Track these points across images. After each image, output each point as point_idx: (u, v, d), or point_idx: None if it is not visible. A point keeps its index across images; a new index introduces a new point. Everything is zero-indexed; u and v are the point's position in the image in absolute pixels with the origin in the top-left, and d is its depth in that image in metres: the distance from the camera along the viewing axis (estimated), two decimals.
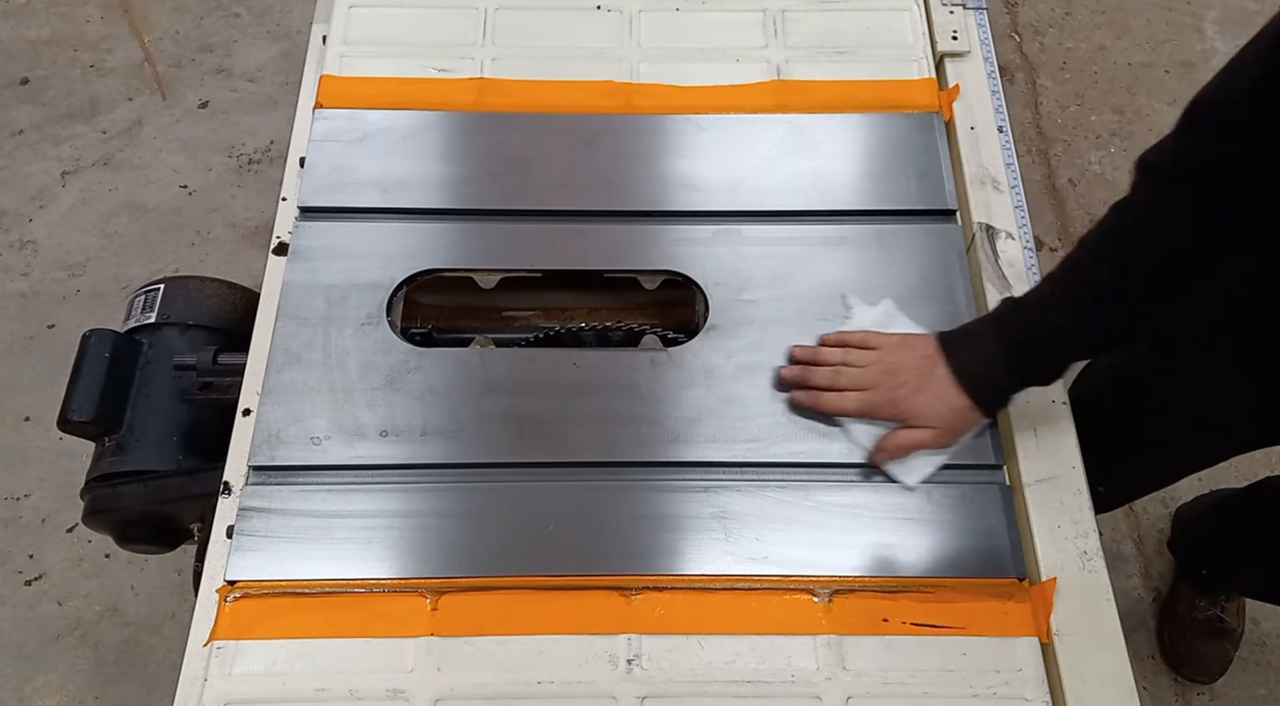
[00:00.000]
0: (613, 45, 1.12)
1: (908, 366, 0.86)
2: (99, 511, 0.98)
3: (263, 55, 2.27)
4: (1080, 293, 0.82)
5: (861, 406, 0.86)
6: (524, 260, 0.98)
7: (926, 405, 0.85)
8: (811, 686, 0.77)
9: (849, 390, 0.87)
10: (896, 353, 0.88)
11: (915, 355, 0.87)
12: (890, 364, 0.87)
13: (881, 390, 0.86)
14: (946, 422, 0.85)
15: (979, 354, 0.85)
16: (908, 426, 0.85)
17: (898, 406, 0.85)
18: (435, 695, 0.76)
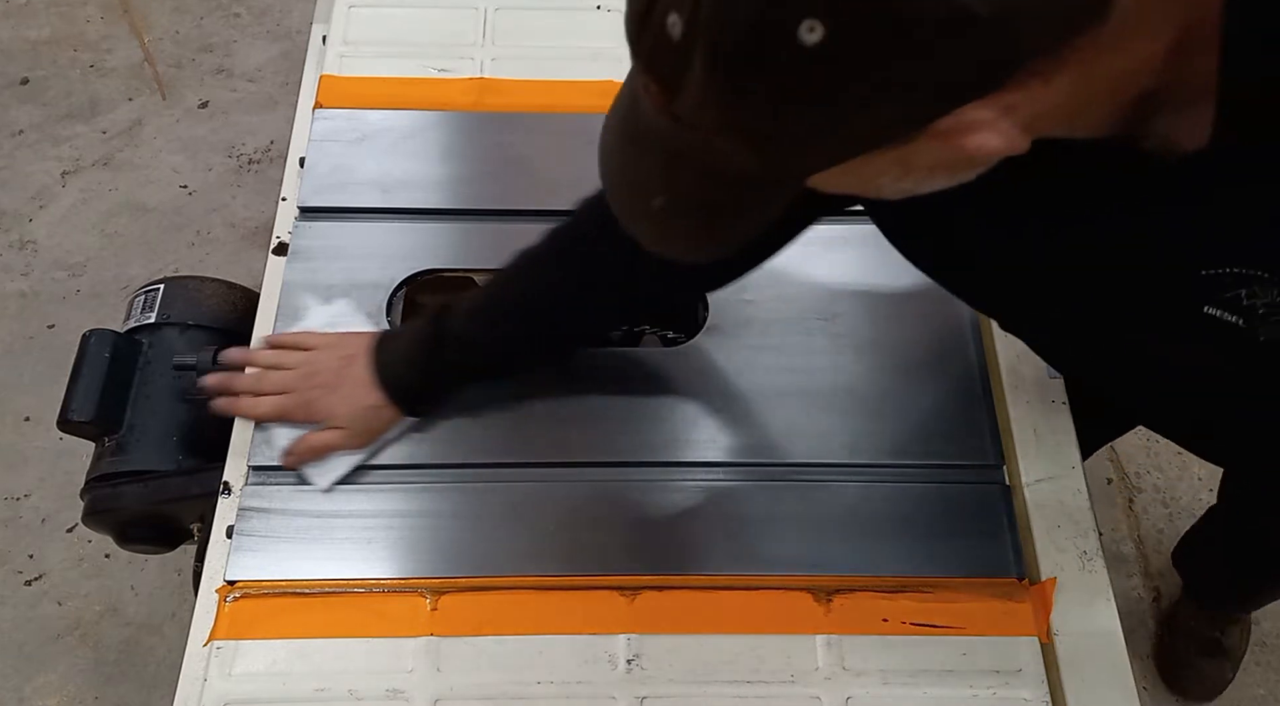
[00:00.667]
0: (613, 45, 1.12)
1: (328, 367, 0.84)
2: (99, 511, 0.98)
3: (263, 55, 2.27)
4: (498, 310, 0.82)
5: (275, 411, 0.84)
6: None
7: (337, 405, 0.83)
8: (811, 686, 0.77)
9: (270, 394, 0.85)
10: (324, 353, 0.86)
11: (338, 354, 0.85)
12: (313, 365, 0.85)
13: (298, 393, 0.84)
14: (356, 423, 0.83)
15: (399, 352, 0.84)
16: (324, 428, 0.84)
17: (310, 408, 0.84)
18: (435, 695, 0.76)
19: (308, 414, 0.84)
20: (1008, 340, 0.93)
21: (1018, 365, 0.92)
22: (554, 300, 0.82)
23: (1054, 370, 0.91)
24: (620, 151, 0.51)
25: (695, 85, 0.40)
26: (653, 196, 0.49)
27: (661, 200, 0.49)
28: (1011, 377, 0.92)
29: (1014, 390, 0.91)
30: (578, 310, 0.83)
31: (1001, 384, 0.91)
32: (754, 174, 0.44)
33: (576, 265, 0.80)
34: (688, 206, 0.49)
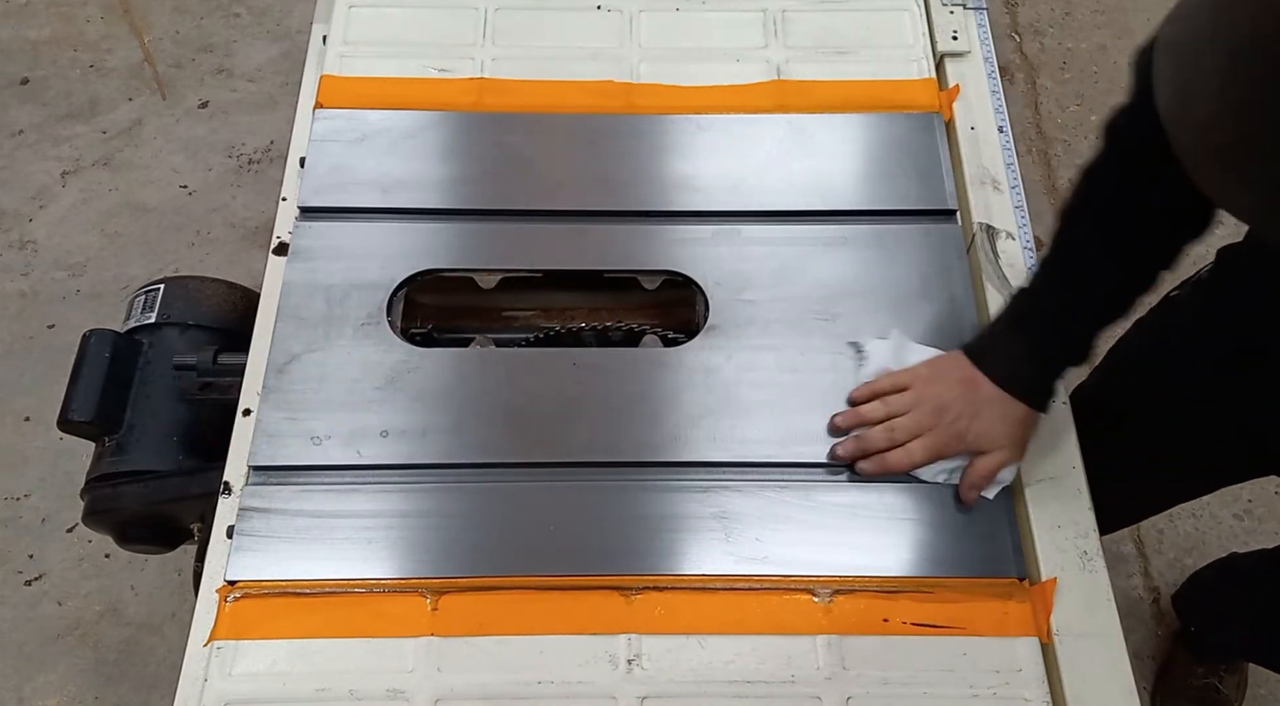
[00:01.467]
0: (613, 45, 1.12)
1: (954, 396, 0.84)
2: (99, 511, 0.98)
3: (263, 55, 2.27)
4: (1073, 263, 0.81)
5: (929, 452, 0.84)
6: (524, 260, 0.98)
7: (990, 427, 0.83)
8: (811, 686, 0.77)
9: (907, 442, 0.84)
10: (933, 386, 0.85)
11: (953, 381, 0.85)
12: (934, 399, 0.84)
13: (940, 429, 0.84)
14: (1014, 436, 0.84)
15: (1009, 357, 0.84)
16: (980, 453, 0.83)
17: (964, 439, 0.83)
18: (435, 695, 0.76)
19: (962, 445, 0.83)
20: None
21: None
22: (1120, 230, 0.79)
23: None
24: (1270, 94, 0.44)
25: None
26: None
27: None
28: None
29: None
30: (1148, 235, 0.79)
31: None
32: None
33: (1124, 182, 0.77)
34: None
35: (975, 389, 0.84)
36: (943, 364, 0.87)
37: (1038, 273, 0.84)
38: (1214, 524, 1.70)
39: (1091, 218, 0.80)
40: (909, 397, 0.85)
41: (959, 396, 0.84)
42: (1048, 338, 0.83)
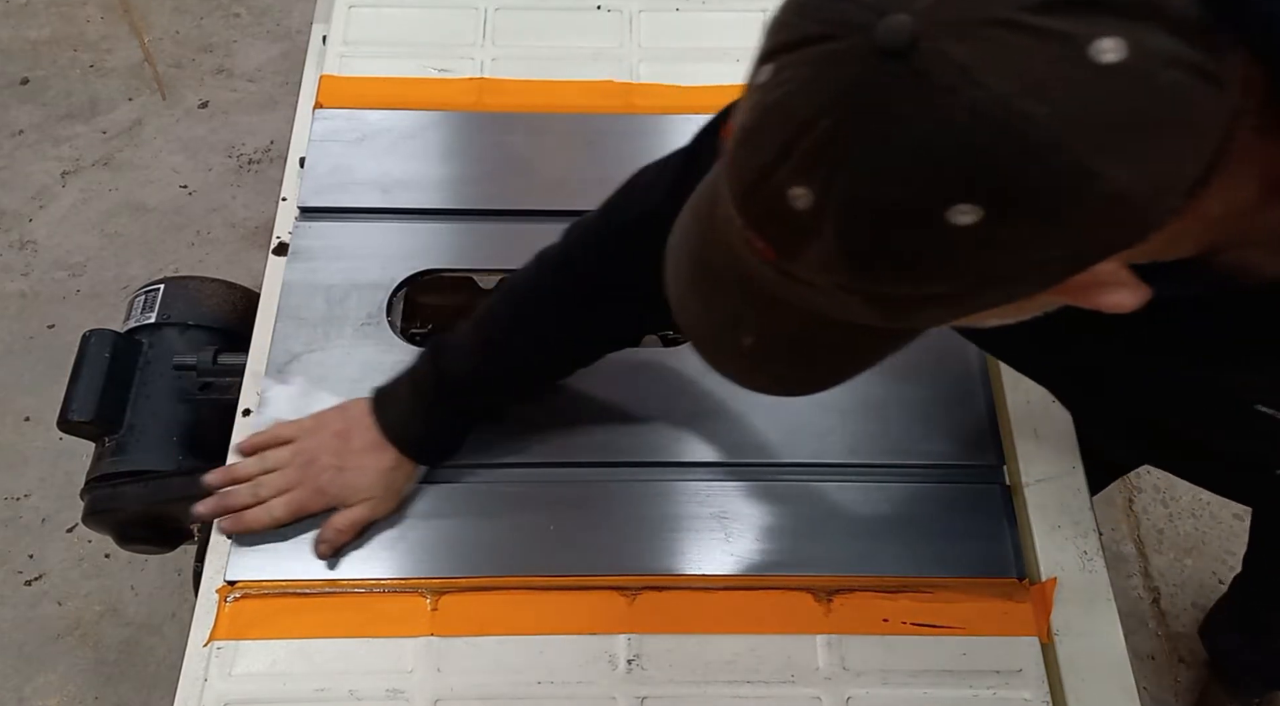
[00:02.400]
0: (613, 45, 1.12)
1: (325, 448, 0.81)
2: (99, 511, 0.98)
3: (263, 55, 2.27)
4: (491, 346, 0.80)
5: (290, 509, 0.80)
6: (524, 260, 0.98)
7: (353, 480, 0.80)
8: (811, 686, 0.77)
9: (274, 497, 0.81)
10: (311, 438, 0.82)
11: (330, 433, 0.82)
12: (307, 452, 0.81)
13: (306, 484, 0.80)
14: (378, 490, 0.81)
15: (399, 410, 0.81)
16: (344, 507, 0.81)
17: (326, 493, 0.80)
18: (435, 695, 0.76)
19: (325, 500, 0.81)
20: None
21: None
22: (557, 331, 0.81)
23: None
24: (698, 284, 0.48)
25: (819, 254, 0.39)
26: (742, 335, 0.46)
27: (753, 339, 0.46)
28: (1011, 378, 0.91)
29: (1014, 390, 0.91)
30: (583, 339, 0.82)
31: (1001, 384, 0.91)
32: (867, 322, 0.42)
33: (576, 295, 0.78)
34: (784, 345, 0.46)
35: (348, 440, 0.81)
36: (328, 415, 0.84)
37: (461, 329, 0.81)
38: (1214, 524, 1.70)
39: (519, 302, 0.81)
40: (285, 453, 0.82)
41: (330, 448, 0.81)
42: (441, 397, 0.81)
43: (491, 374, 0.81)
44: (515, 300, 0.81)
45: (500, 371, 0.82)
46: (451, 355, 0.80)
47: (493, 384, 0.82)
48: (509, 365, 0.82)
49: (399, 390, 0.82)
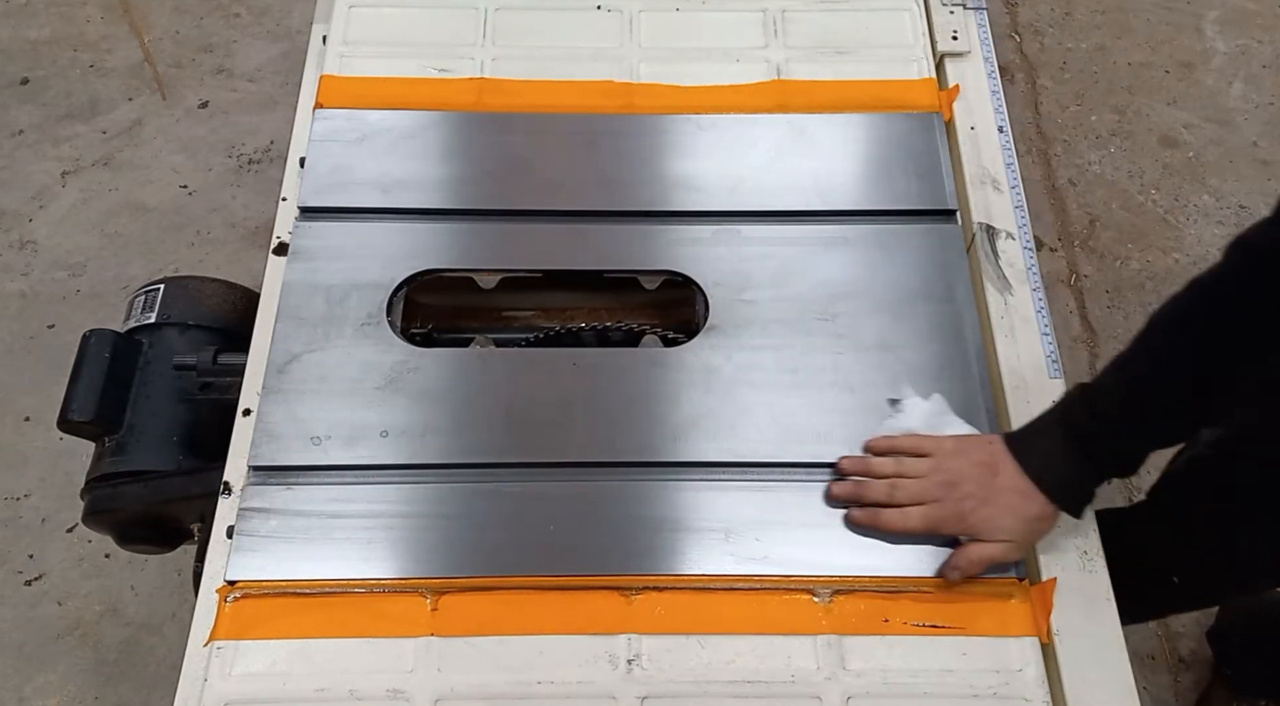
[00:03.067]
0: (613, 45, 1.12)
1: (969, 475, 0.80)
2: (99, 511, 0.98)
3: (263, 55, 2.27)
4: (1154, 377, 0.77)
5: (927, 523, 0.80)
6: (524, 260, 0.98)
7: (997, 518, 0.79)
8: (811, 686, 0.77)
9: (907, 505, 0.81)
10: (954, 459, 0.81)
11: (973, 461, 0.81)
12: (949, 473, 0.81)
13: (945, 503, 0.80)
14: (1020, 535, 0.80)
15: (1049, 455, 0.79)
16: (977, 540, 0.80)
17: (965, 520, 0.80)
18: (435, 695, 0.76)
19: (963, 526, 0.80)
20: (1008, 340, 0.93)
21: (1018, 365, 0.92)
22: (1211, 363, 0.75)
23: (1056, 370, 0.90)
24: None
25: None
26: None
27: None
28: (1011, 378, 0.92)
29: (1014, 390, 0.91)
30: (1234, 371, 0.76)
31: (1001, 384, 0.91)
32: None
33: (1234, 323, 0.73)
34: None
35: (995, 474, 0.80)
36: (970, 442, 0.84)
37: (1108, 373, 0.79)
38: None
39: (1193, 337, 0.76)
40: (925, 464, 0.82)
41: (974, 477, 0.80)
42: (1097, 444, 0.78)
43: (1148, 415, 0.77)
44: (1166, 333, 0.77)
45: (1157, 410, 0.77)
46: (1105, 400, 0.77)
47: (1149, 426, 0.78)
48: (1165, 402, 0.77)
49: (1049, 439, 0.79)
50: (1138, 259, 2.00)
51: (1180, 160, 2.12)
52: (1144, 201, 2.07)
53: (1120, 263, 2.00)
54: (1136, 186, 2.09)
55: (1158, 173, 2.11)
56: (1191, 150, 2.13)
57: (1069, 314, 1.94)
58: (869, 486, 0.83)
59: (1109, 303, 1.95)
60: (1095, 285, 1.97)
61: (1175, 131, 2.16)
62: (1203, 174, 2.10)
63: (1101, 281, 1.98)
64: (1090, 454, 0.79)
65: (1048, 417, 0.82)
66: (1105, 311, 1.94)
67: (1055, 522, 0.81)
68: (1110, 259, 2.00)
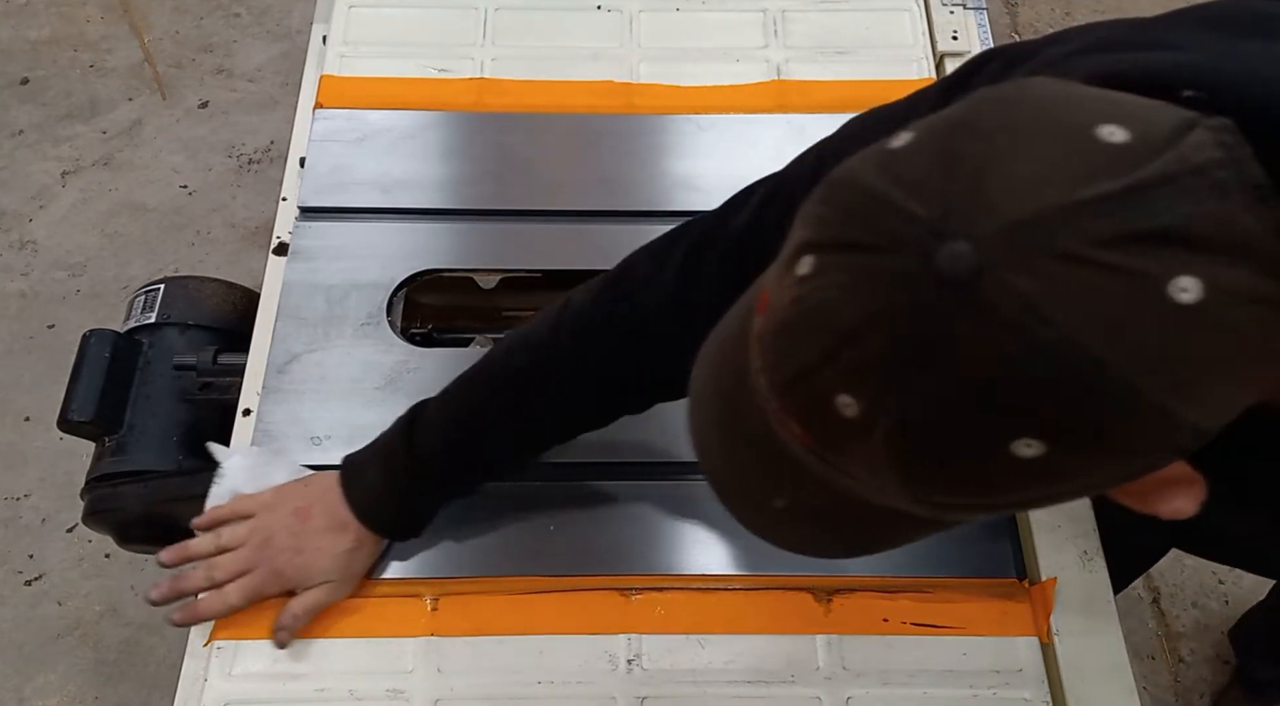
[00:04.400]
0: (613, 45, 1.12)
1: (281, 528, 0.77)
2: (99, 511, 0.98)
3: (263, 55, 2.27)
4: (463, 428, 0.77)
5: (246, 593, 0.76)
6: (524, 260, 0.98)
7: (310, 564, 0.76)
8: (811, 686, 0.77)
9: (226, 582, 0.76)
10: (269, 515, 0.78)
11: (288, 512, 0.77)
12: (264, 531, 0.77)
13: (262, 568, 0.76)
14: (338, 573, 0.77)
15: (375, 490, 0.77)
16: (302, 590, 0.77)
17: (282, 576, 0.76)
18: (435, 695, 0.76)
19: (281, 584, 0.77)
20: None
21: None
22: (533, 415, 0.77)
23: None
24: (727, 447, 0.46)
25: (866, 458, 0.37)
26: (773, 497, 0.44)
27: (785, 503, 0.44)
28: None
29: None
30: (558, 423, 0.78)
31: None
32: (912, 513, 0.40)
33: (556, 380, 0.75)
34: (818, 514, 0.44)
35: (306, 519, 0.77)
36: (289, 490, 0.80)
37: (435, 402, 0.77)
38: None
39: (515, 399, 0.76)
40: (242, 531, 0.78)
41: (287, 528, 0.77)
42: (415, 480, 0.77)
43: (464, 456, 0.78)
44: (492, 381, 0.77)
45: (473, 453, 0.78)
46: (424, 435, 0.76)
47: (465, 465, 0.79)
48: (482, 447, 0.78)
49: (368, 468, 0.78)
50: None
51: None
52: None
53: None
54: None
55: None
56: None
57: None
58: (186, 579, 0.77)
59: None
60: None
61: None
62: None
63: None
64: (409, 488, 0.77)
65: (375, 445, 0.79)
66: None
67: (378, 550, 0.80)
68: None
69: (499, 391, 0.77)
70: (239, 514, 0.79)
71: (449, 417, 0.77)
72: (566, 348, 0.74)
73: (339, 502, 0.77)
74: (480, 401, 0.78)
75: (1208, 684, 1.57)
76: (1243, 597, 1.62)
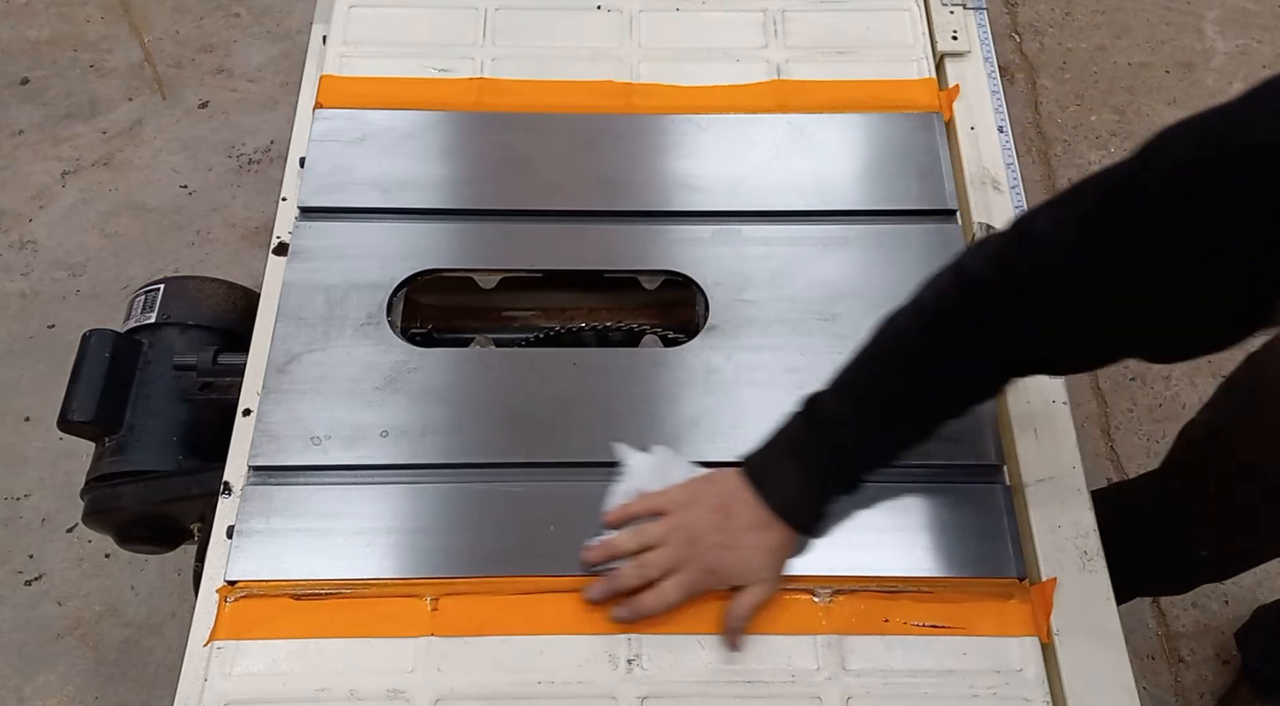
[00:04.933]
0: (613, 45, 1.12)
1: (706, 524, 0.78)
2: (99, 511, 0.98)
3: (263, 55, 2.27)
4: (884, 398, 0.77)
5: (683, 590, 0.78)
6: (524, 260, 0.98)
7: (747, 559, 0.78)
8: (811, 686, 0.77)
9: (660, 579, 0.78)
10: (688, 512, 0.80)
11: (708, 508, 0.79)
12: (688, 528, 0.79)
13: (694, 564, 0.78)
14: (773, 568, 0.79)
15: (784, 484, 0.78)
16: (737, 588, 0.79)
17: (717, 573, 0.78)
18: (435, 695, 0.76)
19: (716, 580, 0.78)
20: None
21: None
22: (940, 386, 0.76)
23: None
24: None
25: None
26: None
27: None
28: None
29: (1014, 390, 0.91)
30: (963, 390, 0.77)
31: None
32: None
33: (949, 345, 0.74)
34: None
35: (730, 517, 0.78)
36: (700, 487, 0.81)
37: (836, 394, 0.78)
38: None
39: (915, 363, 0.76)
40: (663, 528, 0.79)
41: (712, 525, 0.78)
42: (830, 472, 0.78)
43: (879, 439, 0.78)
44: (888, 358, 0.77)
45: (886, 434, 0.78)
46: (833, 427, 0.77)
47: (880, 450, 0.79)
48: (894, 426, 0.78)
49: (777, 467, 0.79)
50: None
51: None
52: None
53: None
54: None
55: None
56: None
57: None
58: (620, 577, 0.79)
59: None
60: None
61: None
62: None
63: None
64: (830, 484, 0.79)
65: (780, 445, 0.80)
66: None
67: (797, 544, 0.81)
68: None
69: (897, 368, 0.77)
70: (652, 509, 0.81)
71: (855, 402, 0.78)
72: (959, 314, 0.72)
73: (755, 501, 0.78)
74: (882, 381, 0.78)
75: (1208, 684, 1.57)
76: (1243, 597, 1.62)
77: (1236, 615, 1.60)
